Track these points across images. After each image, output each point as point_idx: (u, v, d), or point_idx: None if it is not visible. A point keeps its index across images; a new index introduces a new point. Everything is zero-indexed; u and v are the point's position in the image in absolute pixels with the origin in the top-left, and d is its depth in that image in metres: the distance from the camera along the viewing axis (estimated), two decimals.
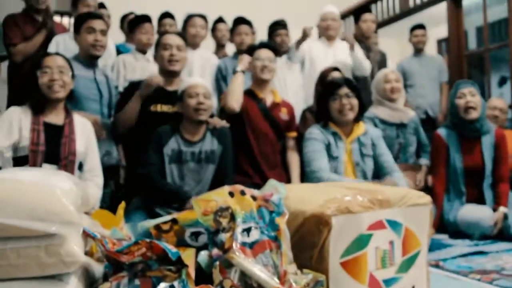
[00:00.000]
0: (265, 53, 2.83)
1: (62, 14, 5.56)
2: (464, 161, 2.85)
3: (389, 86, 3.11)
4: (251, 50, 2.92)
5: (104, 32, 2.63)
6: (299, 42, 3.49)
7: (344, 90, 2.54)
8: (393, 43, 6.78)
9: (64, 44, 3.01)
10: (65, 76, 2.12)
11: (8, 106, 2.83)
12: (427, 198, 1.51)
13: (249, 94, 2.84)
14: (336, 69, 3.09)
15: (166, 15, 3.67)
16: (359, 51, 3.56)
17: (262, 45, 2.93)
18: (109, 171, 2.52)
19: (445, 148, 2.88)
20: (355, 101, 2.54)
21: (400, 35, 6.22)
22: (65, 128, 2.12)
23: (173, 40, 2.62)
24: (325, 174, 2.44)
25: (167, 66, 2.60)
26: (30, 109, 2.09)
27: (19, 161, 2.00)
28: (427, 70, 4.32)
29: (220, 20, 3.86)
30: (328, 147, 2.54)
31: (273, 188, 1.33)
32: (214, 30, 3.81)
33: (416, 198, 1.48)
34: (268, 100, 2.86)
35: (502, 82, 7.99)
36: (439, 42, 7.30)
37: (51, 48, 2.95)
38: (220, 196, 1.24)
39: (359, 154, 2.56)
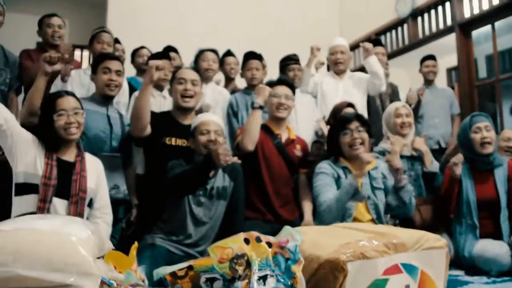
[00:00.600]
0: (282, 90, 2.84)
1: (74, 47, 5.72)
2: (478, 194, 2.80)
3: (399, 120, 3.10)
4: (268, 86, 2.90)
5: (119, 73, 2.69)
6: (309, 61, 3.53)
7: (355, 124, 2.55)
8: (403, 73, 6.81)
9: (78, 79, 3.07)
10: (79, 117, 2.17)
11: None
12: (443, 241, 1.50)
13: (265, 129, 2.85)
14: (350, 105, 3.10)
15: (169, 49, 3.72)
16: (373, 59, 3.55)
17: (280, 82, 2.92)
18: (116, 205, 2.54)
19: (458, 180, 2.86)
20: (365, 135, 2.55)
21: (410, 66, 6.24)
22: (77, 165, 2.15)
23: (188, 74, 2.66)
24: (333, 204, 2.41)
25: (180, 102, 2.63)
26: (44, 145, 2.14)
27: (28, 188, 2.03)
28: (439, 101, 4.33)
29: (228, 53, 3.91)
30: (337, 181, 2.53)
31: (289, 234, 1.33)
32: (222, 63, 3.84)
33: (432, 241, 1.48)
34: (284, 136, 2.86)
35: None
36: (449, 71, 7.32)
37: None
38: (236, 243, 1.25)
39: (370, 187, 2.54)
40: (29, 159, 2.05)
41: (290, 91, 2.88)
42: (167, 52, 3.45)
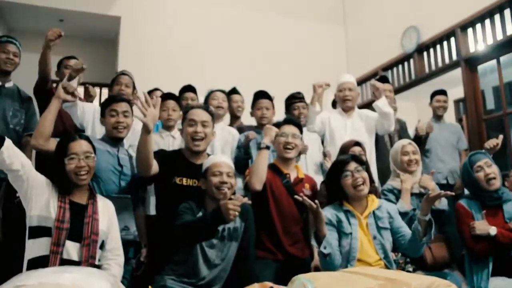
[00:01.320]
0: (289, 129, 2.86)
1: (92, 85, 5.83)
2: None
3: (406, 158, 3.12)
4: (276, 126, 2.93)
5: (126, 114, 2.71)
6: (313, 99, 3.51)
7: (353, 165, 2.55)
8: (411, 106, 6.87)
9: (93, 115, 3.13)
10: (90, 161, 2.21)
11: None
12: (453, 287, 1.50)
13: (273, 169, 2.86)
14: (357, 143, 3.13)
15: (188, 88, 3.77)
16: (383, 100, 3.57)
17: (287, 121, 2.95)
18: (127, 246, 2.55)
19: (470, 217, 2.86)
20: (365, 174, 2.55)
21: (417, 98, 6.33)
22: (89, 208, 2.19)
23: (199, 116, 2.64)
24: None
25: (191, 145, 2.62)
26: (57, 187, 2.17)
27: (42, 231, 2.06)
28: (447, 136, 4.35)
29: (234, 91, 3.96)
30: (339, 225, 2.51)
31: (301, 284, 1.34)
32: (228, 101, 3.82)
33: (443, 287, 1.48)
34: (292, 175, 2.87)
35: None
36: (456, 102, 7.35)
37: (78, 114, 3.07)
38: None
39: (375, 228, 2.52)
40: (43, 202, 2.09)
41: (298, 130, 2.90)
42: (172, 93, 3.51)
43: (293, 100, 3.67)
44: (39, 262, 2.00)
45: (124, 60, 5.60)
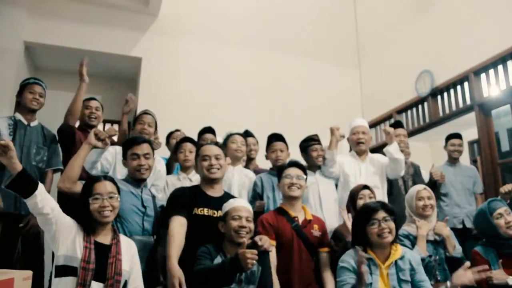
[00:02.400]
0: (294, 171, 2.96)
1: (112, 123, 6.01)
2: None
3: (421, 203, 3.13)
4: (280, 171, 3.04)
5: (148, 156, 2.78)
6: (331, 143, 3.61)
7: (382, 214, 2.55)
8: (425, 147, 6.91)
9: (115, 157, 3.18)
10: (114, 201, 2.30)
11: None
12: None
13: (281, 212, 2.92)
14: (365, 187, 3.16)
15: (207, 130, 3.90)
16: (394, 146, 3.63)
17: (291, 164, 3.05)
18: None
19: (487, 265, 2.83)
20: (392, 225, 2.54)
21: (431, 140, 6.37)
22: (112, 248, 2.24)
23: (211, 151, 2.76)
24: None
25: (207, 174, 2.71)
26: (82, 228, 2.25)
27: (68, 270, 2.11)
28: (462, 180, 4.36)
29: (247, 134, 4.03)
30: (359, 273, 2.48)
31: None
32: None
33: None
34: (300, 218, 2.92)
35: None
36: (471, 143, 7.34)
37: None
38: None
39: (396, 279, 2.51)
40: (69, 243, 2.16)
41: (302, 172, 2.99)
42: (190, 137, 3.62)
43: (311, 142, 3.74)
44: None
45: (144, 99, 5.76)
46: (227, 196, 2.76)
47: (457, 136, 4.54)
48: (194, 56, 6.20)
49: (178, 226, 2.53)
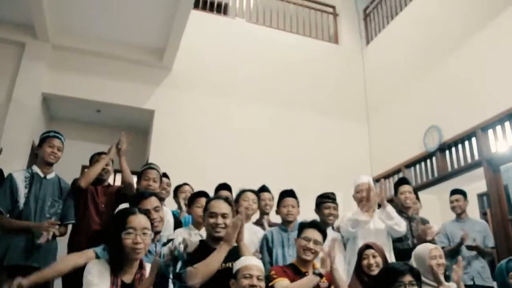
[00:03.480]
0: (313, 235, 2.92)
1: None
2: None
3: (435, 262, 3.10)
4: (301, 227, 3.01)
5: (157, 208, 2.81)
6: (364, 206, 3.58)
7: (408, 278, 2.50)
8: (434, 199, 6.89)
9: None
10: (147, 238, 2.19)
11: None
12: None
13: (293, 268, 2.91)
14: (369, 246, 3.15)
15: (223, 186, 3.89)
16: (389, 208, 3.63)
17: (313, 225, 3.00)
18: None
19: None
20: None
21: (440, 193, 6.35)
22: (135, 284, 2.17)
23: (219, 208, 2.74)
24: None
25: (212, 232, 2.71)
26: (109, 266, 2.14)
27: None
28: (471, 235, 4.33)
29: (264, 189, 4.05)
30: None
31: None
32: (258, 198, 3.88)
33: None
34: (310, 272, 2.89)
35: None
36: (480, 196, 7.31)
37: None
38: None
39: None
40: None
41: (321, 237, 2.96)
42: (206, 192, 3.63)
43: (326, 199, 3.76)
44: None
45: (155, 150, 5.88)
46: (235, 250, 2.70)
47: (456, 192, 4.58)
48: (206, 110, 6.35)
49: None
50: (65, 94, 5.88)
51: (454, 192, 4.60)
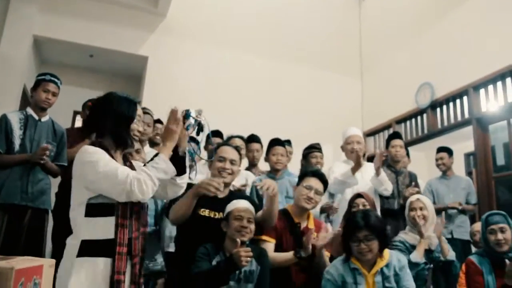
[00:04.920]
0: (316, 184, 2.92)
1: None
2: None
3: (412, 214, 3.21)
4: (303, 174, 3.01)
5: (137, 151, 2.90)
6: (355, 168, 3.63)
7: (364, 233, 2.54)
8: (422, 156, 7.00)
9: None
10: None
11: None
12: None
13: (285, 215, 2.92)
14: (359, 195, 3.23)
15: (216, 133, 3.96)
16: (382, 176, 3.74)
17: (315, 174, 2.98)
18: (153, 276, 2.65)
19: (480, 274, 2.93)
20: (374, 244, 2.54)
21: (429, 149, 6.46)
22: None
23: (228, 153, 2.79)
24: None
25: (217, 175, 2.73)
26: None
27: None
28: (455, 192, 4.47)
29: (253, 139, 4.03)
30: (344, 286, 2.55)
31: None
32: (246, 149, 3.92)
33: None
34: (303, 224, 2.92)
35: None
36: (467, 155, 7.44)
37: None
38: None
39: (382, 286, 2.54)
40: None
41: (323, 187, 2.96)
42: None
43: (312, 149, 3.82)
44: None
45: (148, 96, 5.86)
46: (232, 196, 2.80)
47: (441, 149, 4.68)
48: (200, 58, 6.30)
49: None
50: (57, 37, 5.78)
51: (440, 150, 4.70)
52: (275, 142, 3.79)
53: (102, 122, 2.00)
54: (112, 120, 1.99)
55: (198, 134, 2.48)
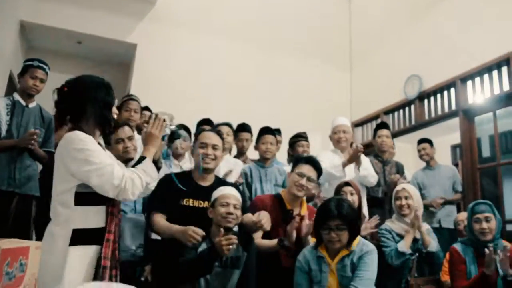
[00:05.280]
0: (308, 171, 2.91)
1: None
2: None
3: (398, 203, 3.27)
4: (296, 161, 3.00)
5: (131, 137, 2.87)
6: (348, 162, 3.68)
7: (336, 222, 2.55)
8: (409, 148, 7.06)
9: None
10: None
11: None
12: None
13: (278, 200, 2.93)
14: (348, 184, 3.26)
15: (205, 121, 3.96)
16: (366, 164, 3.77)
17: (308, 161, 2.97)
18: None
19: (463, 262, 2.98)
20: (345, 235, 2.56)
21: (415, 141, 6.52)
22: None
23: (210, 139, 2.77)
24: None
25: (201, 163, 2.72)
26: None
27: None
28: (441, 182, 4.53)
29: (244, 128, 4.04)
30: (310, 273, 2.60)
31: None
32: (237, 137, 3.97)
33: None
34: (295, 211, 2.92)
35: None
36: (454, 147, 7.52)
37: None
38: None
39: (342, 274, 2.57)
40: None
41: (316, 174, 2.95)
42: (185, 125, 3.68)
43: (299, 138, 3.85)
44: None
45: (136, 84, 5.83)
46: (218, 183, 2.79)
47: (422, 141, 4.74)
48: (188, 46, 6.25)
49: (161, 218, 2.62)
50: (44, 23, 5.70)
51: (421, 141, 4.76)
52: (265, 131, 3.79)
53: (82, 107, 2.00)
54: (94, 106, 1.99)
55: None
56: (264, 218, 2.60)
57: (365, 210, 3.67)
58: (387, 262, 3.05)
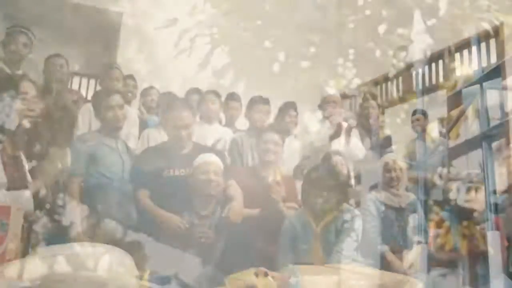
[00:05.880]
0: (271, 136, 3.03)
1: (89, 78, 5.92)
2: None
3: (388, 175, 3.29)
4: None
5: (121, 107, 2.89)
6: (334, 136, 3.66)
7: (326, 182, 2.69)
8: (399, 120, 7.10)
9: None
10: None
11: None
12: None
13: (252, 170, 3.04)
14: (337, 153, 3.29)
15: (194, 91, 3.93)
16: (354, 138, 3.76)
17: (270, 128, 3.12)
18: None
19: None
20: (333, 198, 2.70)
21: (406, 113, 6.57)
22: None
23: (183, 120, 2.86)
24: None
25: (176, 132, 2.82)
26: None
27: None
28: (432, 155, 4.56)
29: (233, 97, 3.96)
30: (296, 238, 2.66)
31: (291, 271, 1.53)
32: (225, 106, 3.91)
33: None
34: (270, 178, 2.99)
35: None
36: (440, 120, 7.55)
37: None
38: (247, 276, 1.44)
39: (326, 238, 2.64)
40: None
41: (279, 138, 3.06)
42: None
43: (287, 108, 3.83)
44: None
45: (122, 53, 5.74)
46: (196, 150, 2.82)
47: (417, 111, 4.73)
48: (175, 16, 6.12)
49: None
50: None
51: (416, 112, 4.76)
52: (257, 100, 3.76)
53: None
54: None
55: None
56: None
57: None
58: None
